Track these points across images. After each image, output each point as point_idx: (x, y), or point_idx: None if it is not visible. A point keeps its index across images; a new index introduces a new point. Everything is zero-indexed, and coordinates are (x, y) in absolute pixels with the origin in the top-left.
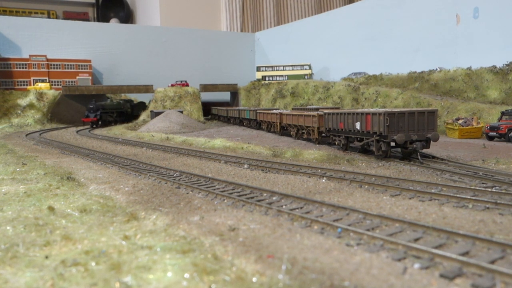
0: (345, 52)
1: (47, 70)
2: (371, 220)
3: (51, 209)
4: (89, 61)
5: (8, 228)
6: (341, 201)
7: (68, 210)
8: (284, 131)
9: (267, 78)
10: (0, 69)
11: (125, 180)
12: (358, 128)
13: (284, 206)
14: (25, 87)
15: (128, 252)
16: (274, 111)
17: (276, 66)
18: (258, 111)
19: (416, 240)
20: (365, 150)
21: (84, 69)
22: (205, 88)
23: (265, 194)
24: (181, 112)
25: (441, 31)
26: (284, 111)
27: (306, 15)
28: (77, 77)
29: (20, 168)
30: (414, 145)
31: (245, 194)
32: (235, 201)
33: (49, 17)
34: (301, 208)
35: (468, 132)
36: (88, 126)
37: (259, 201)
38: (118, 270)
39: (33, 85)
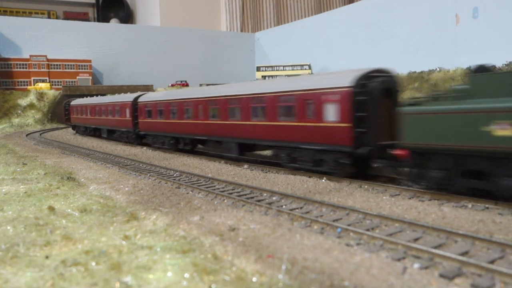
0: (345, 52)
1: (47, 70)
2: (371, 220)
3: (51, 209)
4: (89, 61)
5: (8, 228)
6: (341, 201)
7: (68, 210)
8: None
9: (267, 78)
10: (1, 69)
11: (125, 180)
12: None
13: (284, 206)
14: (25, 87)
15: (128, 252)
16: None
17: (276, 66)
18: None
19: (415, 240)
20: None
21: (84, 69)
22: None
23: (265, 194)
24: None
25: (441, 31)
26: None
27: (306, 15)
28: (77, 77)
29: (21, 168)
30: None
31: (245, 194)
32: (235, 201)
33: (49, 17)
34: (301, 208)
35: None
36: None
37: (259, 201)
38: (118, 270)
39: (34, 85)
